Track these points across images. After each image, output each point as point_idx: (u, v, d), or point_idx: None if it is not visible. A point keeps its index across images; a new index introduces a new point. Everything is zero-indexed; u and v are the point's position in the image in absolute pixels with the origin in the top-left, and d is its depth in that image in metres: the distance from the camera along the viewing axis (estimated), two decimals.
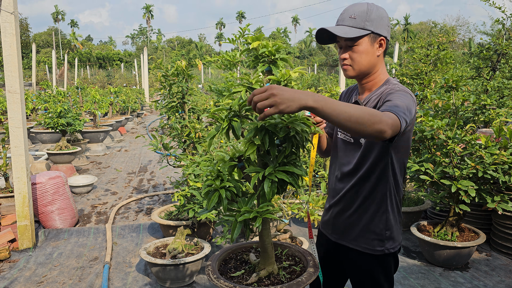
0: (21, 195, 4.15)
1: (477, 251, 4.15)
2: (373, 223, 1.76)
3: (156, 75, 4.65)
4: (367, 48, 1.68)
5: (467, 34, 43.67)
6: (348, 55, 1.70)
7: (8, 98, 4.00)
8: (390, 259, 1.80)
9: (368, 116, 1.33)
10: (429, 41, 6.96)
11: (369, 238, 1.77)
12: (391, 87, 1.68)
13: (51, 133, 9.22)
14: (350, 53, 1.70)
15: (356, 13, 1.66)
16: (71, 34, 69.42)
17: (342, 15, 1.70)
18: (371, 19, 1.65)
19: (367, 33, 1.65)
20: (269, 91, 1.27)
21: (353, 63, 1.70)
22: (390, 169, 1.72)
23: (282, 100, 1.26)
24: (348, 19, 1.67)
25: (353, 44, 1.68)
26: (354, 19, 1.66)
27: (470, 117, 4.51)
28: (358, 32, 1.64)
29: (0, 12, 3.88)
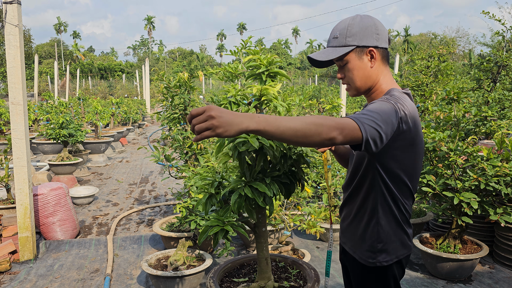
0: (22, 207, 4.14)
1: (480, 263, 4.12)
2: (366, 234, 1.73)
3: (158, 86, 4.67)
4: (355, 63, 1.64)
5: (467, 45, 43.91)
6: (344, 74, 1.70)
7: (11, 109, 4.02)
8: (384, 271, 1.73)
9: (314, 127, 1.30)
10: (429, 53, 7.00)
11: (363, 249, 1.75)
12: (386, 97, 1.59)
13: (53, 144, 9.24)
14: (344, 72, 1.69)
15: (338, 31, 1.65)
16: (73, 45, 69.84)
17: (329, 37, 1.70)
18: (352, 34, 1.62)
19: (350, 49, 1.62)
20: (207, 112, 1.23)
21: (349, 80, 1.69)
22: (380, 181, 1.65)
23: (220, 124, 1.22)
24: (332, 40, 1.67)
25: (343, 63, 1.67)
26: (336, 38, 1.65)
27: (472, 129, 4.52)
28: (340, 51, 1.62)
29: (5, 25, 3.92)
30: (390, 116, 1.46)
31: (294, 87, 8.73)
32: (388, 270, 1.73)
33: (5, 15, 3.93)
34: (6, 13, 3.91)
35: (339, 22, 1.68)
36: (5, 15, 3.93)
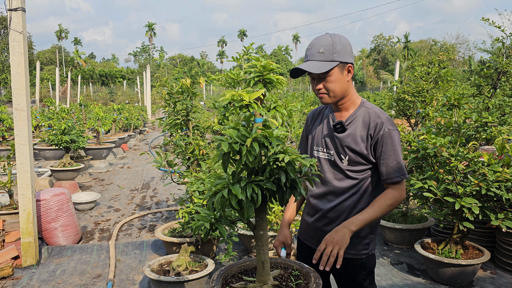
0: (25, 212, 4.16)
1: (481, 269, 4.13)
2: (362, 230, 1.98)
3: (160, 92, 4.71)
4: (338, 77, 1.88)
5: (467, 51, 44.07)
6: (322, 85, 1.91)
7: (15, 115, 4.05)
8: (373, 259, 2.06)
9: (388, 208, 1.86)
10: (429, 59, 7.04)
11: (359, 244, 2.00)
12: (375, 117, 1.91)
13: (55, 150, 9.27)
14: (324, 83, 1.90)
15: (323, 47, 1.86)
16: (74, 51, 70.13)
17: (310, 51, 1.89)
18: (337, 51, 1.86)
19: (336, 64, 1.85)
20: (327, 245, 1.76)
21: (328, 91, 1.91)
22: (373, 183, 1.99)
23: (339, 244, 1.74)
24: (317, 54, 1.86)
25: (325, 76, 1.88)
26: (322, 53, 1.85)
27: (472, 135, 4.54)
28: (329, 65, 1.84)
29: (10, 31, 3.97)
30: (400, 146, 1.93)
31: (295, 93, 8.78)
32: (374, 257, 2.07)
33: (10, 22, 3.98)
34: (11, 20, 3.96)
35: (319, 38, 1.90)
36: (10, 22, 3.98)
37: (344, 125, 1.94)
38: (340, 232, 1.76)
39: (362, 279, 2.02)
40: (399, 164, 1.87)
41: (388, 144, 1.87)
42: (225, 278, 1.83)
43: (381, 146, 1.88)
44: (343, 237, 1.74)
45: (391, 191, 1.89)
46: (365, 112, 1.94)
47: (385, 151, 1.88)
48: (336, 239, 1.74)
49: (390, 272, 4.13)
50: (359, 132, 1.92)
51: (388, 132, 1.87)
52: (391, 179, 1.88)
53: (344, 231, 1.76)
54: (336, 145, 1.98)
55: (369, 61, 53.10)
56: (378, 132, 1.88)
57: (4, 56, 42.98)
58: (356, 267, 2.01)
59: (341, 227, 1.78)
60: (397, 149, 1.88)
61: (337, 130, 1.96)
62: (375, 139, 1.89)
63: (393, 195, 1.87)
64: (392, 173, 1.87)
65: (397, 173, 1.87)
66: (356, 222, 1.79)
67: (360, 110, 1.96)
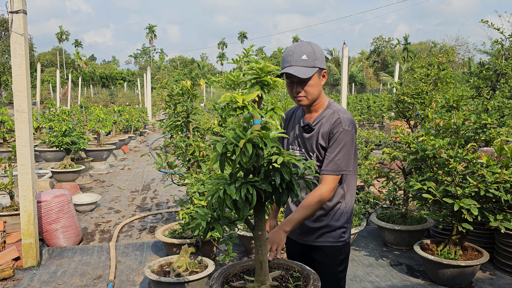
0: (26, 213, 4.18)
1: (480, 270, 4.14)
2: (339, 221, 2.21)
3: (160, 94, 4.73)
4: (316, 81, 2.08)
5: (467, 53, 44.10)
6: (301, 88, 2.08)
7: (16, 117, 4.07)
8: (348, 246, 2.28)
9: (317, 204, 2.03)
10: (429, 61, 7.06)
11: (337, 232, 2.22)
12: (336, 116, 2.11)
13: (55, 151, 9.29)
14: (303, 87, 2.07)
15: (305, 54, 2.03)
16: (75, 53, 70.19)
17: (292, 57, 2.03)
18: (317, 58, 2.05)
19: (316, 70, 2.05)
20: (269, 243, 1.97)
21: (307, 94, 2.09)
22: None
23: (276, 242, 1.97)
24: (301, 60, 2.02)
25: (307, 80, 2.05)
26: (305, 60, 2.02)
27: (471, 136, 4.56)
28: (311, 71, 2.03)
29: (11, 34, 3.99)
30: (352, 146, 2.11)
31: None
32: (349, 245, 2.29)
33: (11, 24, 4.00)
34: (12, 22, 3.98)
35: (300, 45, 2.06)
36: (11, 24, 4.00)
37: (311, 126, 2.17)
38: (277, 233, 1.99)
39: (338, 263, 2.24)
40: (339, 161, 2.07)
41: (338, 141, 2.08)
42: (226, 277, 1.85)
43: (332, 141, 2.09)
44: (279, 237, 1.98)
45: (319, 187, 2.06)
46: (331, 112, 2.15)
47: (333, 146, 2.09)
48: (274, 239, 1.98)
49: (389, 273, 4.15)
50: (322, 130, 2.13)
51: (342, 131, 2.07)
52: (326, 171, 2.08)
53: (280, 231, 2.00)
54: (305, 144, 2.21)
55: (368, 63, 53.14)
56: (334, 130, 2.09)
57: (5, 58, 43.04)
58: (334, 252, 2.23)
59: (277, 229, 2.01)
60: (343, 147, 2.07)
61: (306, 131, 2.20)
62: (331, 135, 2.10)
63: (320, 193, 2.04)
64: (329, 166, 2.07)
65: (333, 167, 2.07)
66: (289, 223, 2.00)
67: (326, 111, 2.17)
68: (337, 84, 43.12)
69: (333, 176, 2.07)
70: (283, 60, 2.08)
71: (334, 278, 2.25)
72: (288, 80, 2.10)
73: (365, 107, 20.58)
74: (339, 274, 2.27)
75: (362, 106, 20.65)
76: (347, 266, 2.33)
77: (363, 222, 4.76)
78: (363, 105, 20.85)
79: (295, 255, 2.40)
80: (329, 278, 2.23)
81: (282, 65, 2.09)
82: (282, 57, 2.11)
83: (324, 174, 2.09)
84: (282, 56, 2.12)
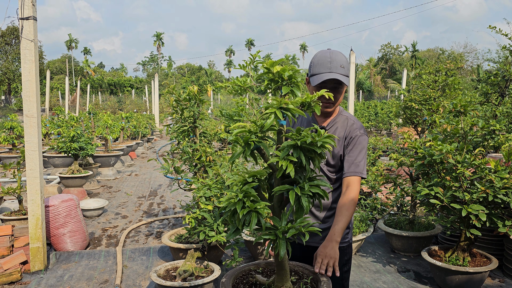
0: (34, 217, 4.21)
1: (489, 277, 4.09)
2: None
3: (167, 100, 4.76)
4: (344, 89, 2.21)
5: (475, 60, 43.89)
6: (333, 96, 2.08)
7: (25, 122, 4.12)
8: (351, 246, 2.33)
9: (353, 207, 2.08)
10: (437, 67, 7.04)
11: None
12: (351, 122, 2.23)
13: (63, 157, 9.36)
14: (334, 94, 2.15)
15: (343, 63, 2.13)
16: (84, 61, 70.96)
17: (332, 64, 2.12)
18: (348, 68, 2.18)
19: (348, 78, 2.18)
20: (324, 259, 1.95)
21: (334, 101, 2.18)
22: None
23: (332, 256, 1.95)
24: (340, 68, 2.12)
25: (342, 88, 2.17)
26: (343, 68, 2.13)
27: (479, 142, 4.53)
28: (348, 80, 2.17)
29: (21, 40, 4.05)
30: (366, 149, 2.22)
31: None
32: (351, 246, 2.34)
33: (22, 31, 4.06)
34: (23, 29, 4.04)
35: (337, 53, 2.15)
36: (22, 31, 4.06)
37: (326, 130, 2.24)
38: (329, 247, 1.97)
39: (343, 264, 2.27)
40: (360, 163, 2.15)
41: (357, 145, 2.17)
42: (236, 277, 1.86)
43: (351, 146, 2.18)
44: (333, 250, 1.96)
45: (349, 189, 2.11)
46: (344, 119, 2.26)
47: (353, 150, 2.17)
48: (329, 254, 1.95)
49: (397, 280, 4.11)
50: (338, 134, 2.22)
51: (359, 136, 2.19)
52: (350, 173, 2.14)
53: (332, 244, 1.98)
54: None
55: (376, 70, 53.07)
56: (352, 134, 2.19)
57: (15, 65, 43.63)
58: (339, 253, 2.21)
59: (328, 242, 2.00)
60: (362, 150, 2.18)
61: None
62: (349, 140, 2.19)
63: (351, 195, 2.09)
64: (352, 168, 2.14)
65: (356, 169, 2.14)
66: (337, 233, 2.01)
67: (339, 117, 2.27)
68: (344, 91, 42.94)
69: (357, 177, 2.14)
70: (319, 65, 2.14)
71: (339, 279, 2.26)
72: (317, 86, 2.14)
73: (373, 114, 20.53)
74: (344, 274, 2.29)
75: (370, 113, 20.60)
76: (350, 267, 2.37)
77: (370, 228, 4.73)
78: (371, 112, 20.80)
79: (297, 257, 2.39)
80: (334, 279, 2.22)
81: (318, 70, 2.14)
82: (315, 62, 2.17)
83: (348, 176, 2.15)
84: (314, 61, 2.17)
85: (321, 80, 2.11)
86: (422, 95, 6.68)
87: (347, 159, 2.17)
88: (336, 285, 2.24)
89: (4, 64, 43.00)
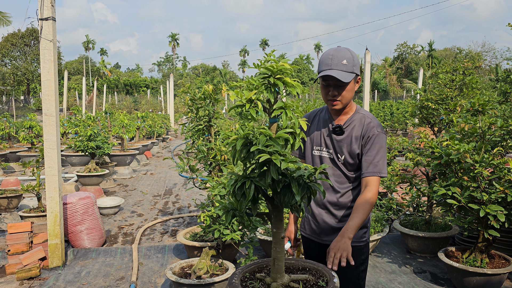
0: (53, 214, 4.28)
1: (508, 279, 4.02)
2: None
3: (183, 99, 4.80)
4: (352, 86, 2.15)
5: (494, 60, 43.13)
6: (337, 92, 2.13)
7: (44, 120, 4.20)
8: (368, 245, 2.31)
9: (370, 207, 2.06)
10: (454, 67, 6.94)
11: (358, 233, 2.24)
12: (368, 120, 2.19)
13: (80, 156, 9.51)
14: (339, 90, 2.12)
15: (345, 59, 2.08)
16: (100, 61, 71.87)
17: (332, 60, 2.08)
18: (355, 64, 2.11)
19: (353, 75, 2.10)
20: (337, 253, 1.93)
21: (342, 98, 2.14)
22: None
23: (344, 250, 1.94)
24: (341, 65, 2.07)
25: (345, 85, 2.11)
26: (346, 65, 2.07)
27: (498, 142, 4.45)
28: (350, 76, 2.09)
29: (41, 40, 4.13)
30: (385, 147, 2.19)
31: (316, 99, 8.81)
32: (368, 246, 2.32)
33: (41, 31, 4.14)
34: (42, 29, 4.12)
35: (339, 50, 2.11)
36: (41, 31, 4.14)
37: (342, 128, 2.21)
38: (342, 241, 1.97)
39: (360, 263, 2.26)
40: (379, 163, 2.13)
41: (374, 144, 2.15)
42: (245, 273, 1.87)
43: (369, 145, 2.15)
44: (345, 245, 1.96)
45: (367, 189, 2.11)
46: (361, 117, 2.22)
47: (370, 149, 2.15)
48: (342, 247, 1.95)
49: (413, 281, 4.07)
50: (355, 133, 2.19)
51: (377, 135, 2.16)
52: (368, 173, 2.13)
53: (344, 239, 1.98)
54: (334, 146, 2.25)
55: (392, 69, 52.55)
56: (369, 133, 2.16)
57: (33, 66, 44.43)
58: (355, 252, 2.20)
59: (340, 237, 1.99)
60: (380, 149, 2.15)
61: (336, 133, 2.23)
62: (366, 139, 2.16)
63: (370, 194, 2.09)
64: (370, 168, 2.13)
65: (375, 169, 2.12)
66: (350, 229, 2.01)
67: (356, 115, 2.24)
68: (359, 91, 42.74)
69: (376, 178, 2.13)
70: (321, 63, 2.12)
71: (356, 278, 2.26)
72: (324, 83, 2.14)
73: (388, 114, 20.33)
74: (361, 274, 2.27)
75: (385, 113, 20.40)
76: (367, 267, 2.35)
77: (385, 229, 4.69)
78: (386, 111, 20.60)
79: (312, 255, 2.40)
80: (351, 278, 2.23)
81: (320, 68, 2.13)
82: (320, 60, 2.15)
83: (367, 177, 2.14)
84: (319, 59, 2.15)
85: (318, 77, 2.12)
86: (439, 94, 6.59)
87: (365, 158, 2.15)
88: (353, 284, 2.24)
89: (23, 65, 43.84)
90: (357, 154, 2.19)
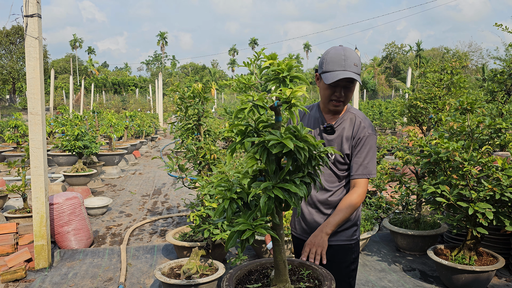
0: (39, 215, 4.21)
1: (496, 276, 4.06)
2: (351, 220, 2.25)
3: (172, 98, 4.75)
4: (355, 87, 2.16)
5: (480, 60, 43.69)
6: (344, 93, 2.11)
7: (30, 119, 4.12)
8: (358, 244, 2.31)
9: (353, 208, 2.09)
10: (442, 66, 6.99)
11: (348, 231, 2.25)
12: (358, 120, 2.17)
13: (68, 155, 9.38)
14: (346, 92, 2.11)
15: (356, 61, 2.06)
16: (88, 60, 71.13)
17: (346, 62, 2.03)
18: (359, 65, 2.10)
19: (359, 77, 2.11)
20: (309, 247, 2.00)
21: (345, 100, 2.14)
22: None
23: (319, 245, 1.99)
24: (353, 66, 2.04)
25: (353, 86, 2.11)
26: (356, 66, 2.06)
27: (486, 140, 4.49)
28: (359, 78, 2.08)
29: (26, 37, 4.05)
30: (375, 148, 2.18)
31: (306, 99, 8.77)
32: (359, 244, 2.32)
33: (26, 28, 4.06)
34: (27, 26, 4.04)
35: (351, 51, 2.06)
36: (26, 28, 4.06)
37: (333, 127, 2.20)
38: (319, 236, 2.01)
39: (351, 262, 2.26)
40: (368, 164, 2.13)
41: (365, 145, 2.14)
42: (238, 277, 1.83)
43: (359, 146, 2.15)
44: (322, 240, 2.00)
45: (354, 190, 2.12)
46: (352, 116, 2.21)
47: (361, 151, 2.14)
48: (318, 243, 1.99)
49: (402, 279, 4.08)
50: (346, 133, 2.18)
51: (368, 136, 2.15)
52: (358, 175, 2.13)
53: (321, 234, 2.01)
54: (325, 145, 2.21)
55: (380, 69, 52.90)
56: (360, 135, 2.14)
57: (19, 65, 43.82)
58: (346, 251, 2.25)
59: (318, 232, 2.02)
60: (370, 151, 2.15)
61: (327, 132, 2.21)
62: (357, 140, 2.15)
63: (355, 195, 2.10)
64: (360, 170, 2.13)
65: (364, 171, 2.13)
66: (329, 225, 2.04)
67: (347, 114, 2.22)
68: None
69: (365, 180, 2.13)
70: (333, 62, 2.03)
71: (346, 277, 2.25)
72: (332, 83, 2.06)
73: (377, 113, 20.47)
74: (351, 272, 2.27)
75: (374, 112, 20.54)
76: (358, 266, 2.36)
77: (375, 227, 4.70)
78: (375, 111, 20.74)
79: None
80: (342, 277, 2.21)
81: (330, 68, 2.04)
82: (328, 59, 2.06)
83: (356, 179, 2.14)
84: (327, 58, 2.06)
85: (336, 78, 2.01)
86: (427, 93, 6.62)
87: (355, 160, 2.14)
88: (343, 283, 2.23)
89: (9, 64, 43.23)
90: (347, 155, 2.18)
